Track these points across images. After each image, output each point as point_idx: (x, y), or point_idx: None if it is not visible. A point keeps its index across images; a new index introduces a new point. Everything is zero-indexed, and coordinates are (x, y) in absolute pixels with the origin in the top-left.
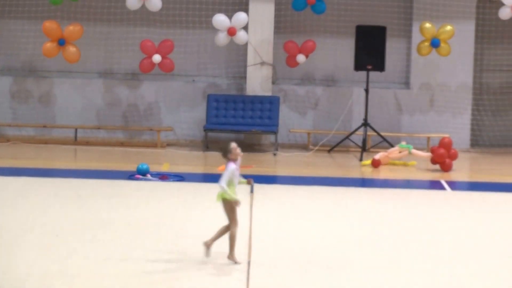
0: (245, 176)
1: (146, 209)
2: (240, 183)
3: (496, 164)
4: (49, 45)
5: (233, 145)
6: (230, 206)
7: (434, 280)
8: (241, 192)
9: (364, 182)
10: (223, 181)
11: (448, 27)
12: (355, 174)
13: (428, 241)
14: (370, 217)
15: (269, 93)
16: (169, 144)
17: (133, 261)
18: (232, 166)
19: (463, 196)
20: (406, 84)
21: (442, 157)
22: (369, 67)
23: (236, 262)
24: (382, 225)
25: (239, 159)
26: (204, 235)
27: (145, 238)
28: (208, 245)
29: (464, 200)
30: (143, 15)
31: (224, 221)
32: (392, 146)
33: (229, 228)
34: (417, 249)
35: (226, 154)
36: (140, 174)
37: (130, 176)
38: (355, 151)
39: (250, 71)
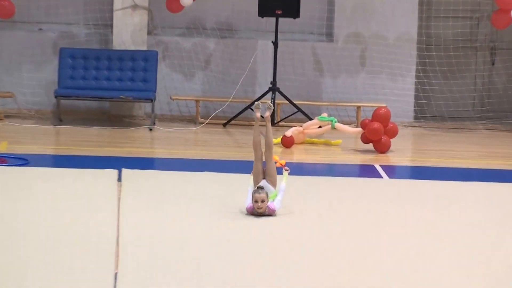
0: None
1: None
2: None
3: (447, 144)
4: None
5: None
6: None
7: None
8: (105, 180)
9: None
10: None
11: None
12: None
13: (364, 245)
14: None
15: (143, 47)
16: (7, 116)
17: None
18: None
19: (404, 185)
20: (329, 35)
21: (377, 133)
22: (279, 12)
23: None
24: (291, 222)
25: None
26: (56, 229)
27: None
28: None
29: (406, 191)
30: None
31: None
32: (310, 118)
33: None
34: (350, 255)
35: None
36: None
37: None
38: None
39: (117, 17)
